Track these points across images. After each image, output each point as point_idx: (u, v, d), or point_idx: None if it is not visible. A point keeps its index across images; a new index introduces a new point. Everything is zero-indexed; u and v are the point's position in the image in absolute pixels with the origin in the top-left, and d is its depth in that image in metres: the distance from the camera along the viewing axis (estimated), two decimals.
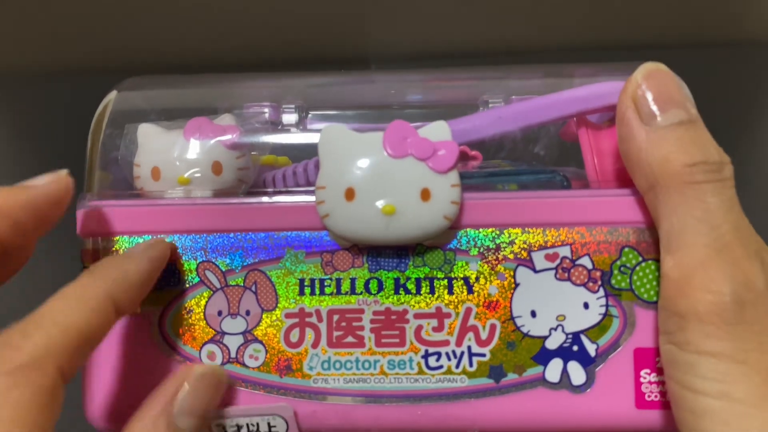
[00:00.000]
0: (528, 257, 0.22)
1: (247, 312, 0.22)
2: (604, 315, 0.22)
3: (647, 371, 0.22)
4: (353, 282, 0.22)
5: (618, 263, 0.22)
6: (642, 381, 0.22)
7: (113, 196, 0.24)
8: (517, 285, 0.22)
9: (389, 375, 0.22)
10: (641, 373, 0.22)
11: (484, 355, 0.22)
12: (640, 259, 0.22)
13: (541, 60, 0.28)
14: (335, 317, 0.22)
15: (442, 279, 0.22)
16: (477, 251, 0.22)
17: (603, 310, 0.22)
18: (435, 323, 0.22)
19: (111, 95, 0.27)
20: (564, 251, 0.22)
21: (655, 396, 0.21)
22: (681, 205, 0.20)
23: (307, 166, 0.26)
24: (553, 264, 0.22)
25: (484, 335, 0.22)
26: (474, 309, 0.22)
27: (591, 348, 0.22)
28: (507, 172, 0.24)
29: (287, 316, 0.22)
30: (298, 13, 0.40)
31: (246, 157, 0.25)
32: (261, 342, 0.22)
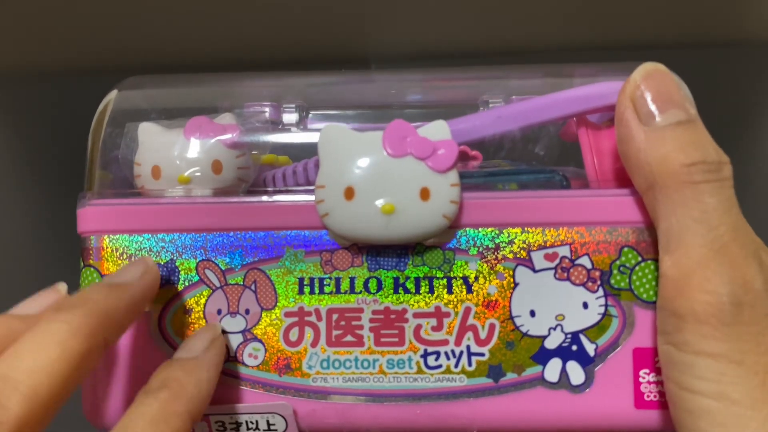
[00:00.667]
0: (527, 257, 0.22)
1: (247, 311, 0.22)
2: (603, 315, 0.22)
3: (646, 371, 0.22)
4: (352, 281, 0.22)
5: (617, 263, 0.22)
6: (641, 381, 0.22)
7: (114, 194, 0.24)
8: (517, 284, 0.22)
9: (388, 374, 0.22)
10: (640, 373, 0.22)
11: (483, 355, 0.22)
12: (639, 259, 0.22)
13: (541, 60, 0.28)
14: (334, 316, 0.22)
15: (441, 278, 0.22)
16: (476, 251, 0.22)
17: (602, 309, 0.22)
18: (434, 323, 0.22)
19: (111, 94, 0.27)
20: (563, 251, 0.22)
21: (654, 396, 0.22)
22: (679, 206, 0.20)
23: (307, 165, 0.26)
24: (553, 264, 0.22)
25: (483, 335, 0.22)
26: (473, 308, 0.22)
27: (590, 348, 0.22)
28: (506, 171, 0.24)
29: (286, 315, 0.22)
30: (298, 14, 0.40)
31: (246, 156, 0.25)
32: (260, 341, 0.22)
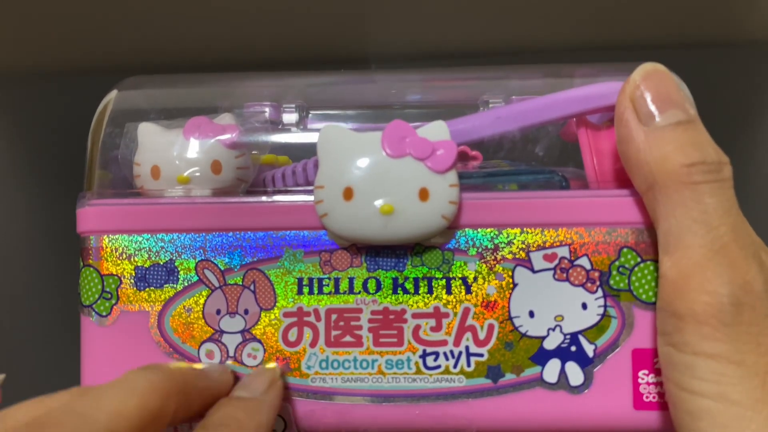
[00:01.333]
0: (526, 257, 0.22)
1: (246, 311, 0.22)
2: (602, 315, 0.22)
3: (645, 372, 0.22)
4: (351, 281, 0.22)
5: (616, 264, 0.22)
6: (640, 382, 0.22)
7: (113, 194, 0.24)
8: (516, 285, 0.22)
9: (387, 374, 0.22)
10: (639, 374, 0.22)
11: (482, 355, 0.22)
12: (638, 260, 0.22)
13: (541, 60, 0.28)
14: (333, 316, 0.22)
15: (440, 279, 0.22)
16: (475, 251, 0.22)
17: (601, 310, 0.22)
18: (433, 323, 0.22)
19: (111, 94, 0.27)
20: (562, 251, 0.22)
21: (653, 397, 0.22)
22: (679, 206, 0.20)
23: (307, 165, 0.26)
24: (552, 264, 0.22)
25: (482, 335, 0.22)
26: (472, 309, 0.22)
27: (589, 348, 0.22)
28: (506, 172, 0.24)
29: (285, 315, 0.22)
30: (298, 14, 0.40)
31: (245, 157, 0.25)
32: (259, 341, 0.22)
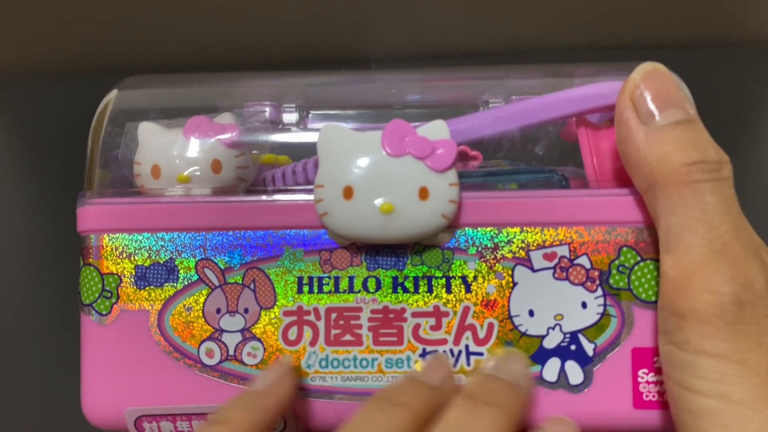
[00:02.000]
0: (526, 256, 0.22)
1: (246, 310, 0.22)
2: (602, 315, 0.22)
3: (645, 371, 0.22)
4: (351, 280, 0.22)
5: (616, 263, 0.22)
6: (640, 381, 0.22)
7: (113, 193, 0.24)
8: (515, 284, 0.22)
9: (387, 373, 0.22)
10: (639, 373, 0.22)
11: (481, 354, 0.22)
12: (638, 259, 0.22)
13: (541, 60, 0.28)
14: (333, 315, 0.22)
15: (440, 278, 0.22)
16: (475, 250, 0.22)
17: (601, 309, 0.22)
18: (433, 322, 0.22)
19: (111, 94, 0.27)
20: (562, 251, 0.22)
21: (653, 396, 0.22)
22: (679, 205, 0.20)
23: (307, 164, 0.26)
24: (552, 263, 0.22)
25: (481, 334, 0.22)
26: (472, 308, 0.22)
27: (589, 348, 0.22)
28: (505, 171, 0.24)
29: (285, 314, 0.22)
30: (298, 15, 0.40)
31: (245, 156, 0.25)
32: (259, 340, 0.22)
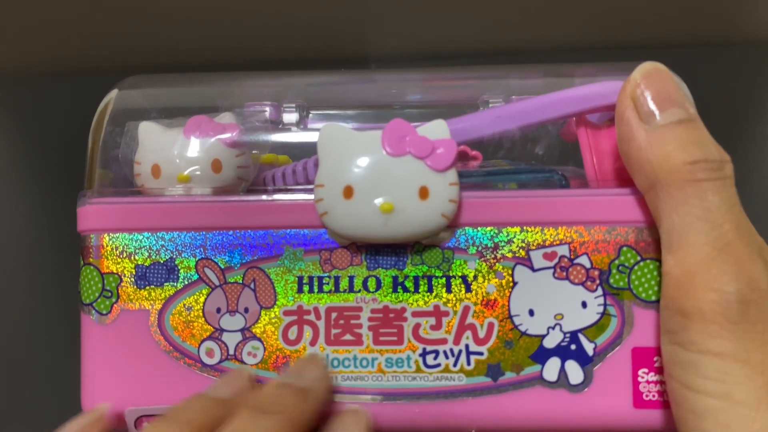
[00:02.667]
0: (526, 256, 0.22)
1: (246, 309, 0.22)
2: (602, 314, 0.22)
3: (645, 371, 0.22)
4: (352, 280, 0.22)
5: (616, 262, 0.22)
6: (640, 380, 0.22)
7: (113, 193, 0.24)
8: (516, 284, 0.22)
9: (387, 373, 0.22)
10: (639, 373, 0.22)
11: (482, 354, 0.22)
12: (638, 259, 0.22)
13: (541, 60, 0.28)
14: (333, 315, 0.22)
15: (440, 277, 0.22)
16: (475, 250, 0.22)
17: (601, 309, 0.22)
18: (433, 321, 0.22)
19: (112, 94, 0.27)
20: (562, 250, 0.22)
21: (653, 396, 0.22)
22: (682, 204, 0.20)
23: (307, 164, 0.26)
24: (552, 263, 0.22)
25: (482, 334, 0.22)
26: (472, 307, 0.22)
27: (589, 347, 0.22)
28: (505, 171, 0.24)
29: (285, 313, 0.22)
30: (298, 15, 0.40)
31: (246, 156, 0.25)
32: (259, 339, 0.22)
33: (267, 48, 0.43)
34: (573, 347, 0.22)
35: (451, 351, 0.22)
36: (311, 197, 0.22)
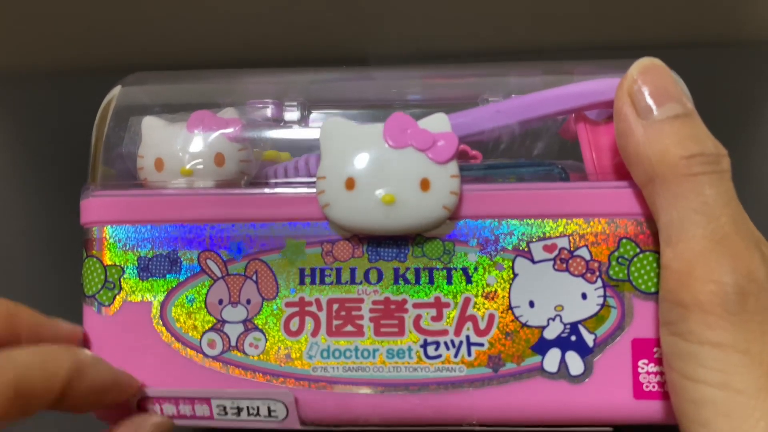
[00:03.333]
0: (526, 248, 0.22)
1: (248, 301, 0.22)
2: (601, 305, 0.22)
3: (645, 362, 0.22)
4: (353, 272, 0.22)
5: (616, 254, 0.22)
6: (640, 371, 0.22)
7: (117, 186, 0.24)
8: (516, 275, 0.22)
9: (388, 364, 0.22)
10: (639, 364, 0.22)
11: (482, 345, 0.22)
12: (637, 251, 0.22)
13: (541, 60, 0.28)
14: (335, 306, 0.22)
15: (441, 269, 0.22)
16: (476, 242, 0.22)
17: (601, 300, 0.22)
18: (434, 313, 0.22)
19: (115, 90, 0.27)
20: (562, 242, 0.22)
21: (653, 386, 0.22)
22: (680, 198, 0.20)
23: (309, 159, 0.26)
24: (552, 255, 0.22)
25: (482, 325, 0.22)
26: (473, 299, 0.22)
27: (589, 338, 0.22)
28: (505, 164, 0.24)
29: (287, 305, 0.22)
30: (297, 15, 0.41)
31: (248, 150, 0.26)
32: (261, 330, 0.22)
33: (266, 49, 0.43)
34: (573, 338, 0.22)
35: (452, 342, 0.22)
36: (313, 190, 0.23)
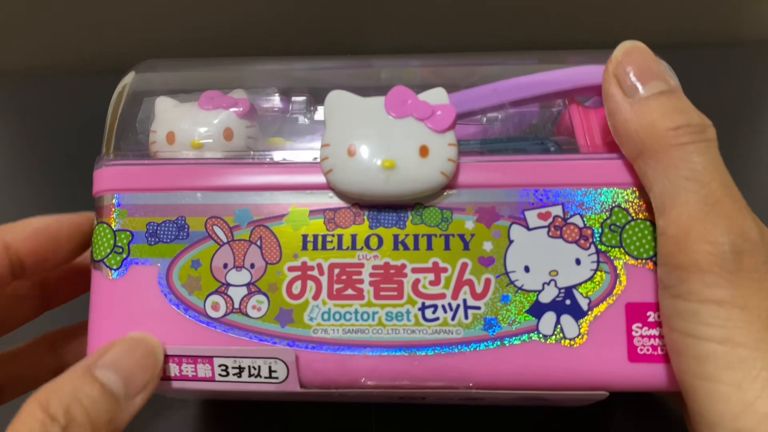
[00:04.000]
0: (522, 216, 0.23)
1: (252, 265, 0.23)
2: (595, 270, 0.22)
3: (639, 325, 0.22)
4: (354, 238, 0.23)
5: (608, 222, 0.23)
6: (634, 335, 0.22)
7: (128, 157, 0.25)
8: (511, 242, 0.23)
9: (387, 326, 0.23)
10: (633, 327, 0.22)
11: (479, 308, 0.22)
12: (629, 218, 0.23)
13: None
14: (336, 271, 0.23)
15: (439, 236, 0.23)
16: (473, 210, 0.23)
17: (594, 266, 0.22)
18: (432, 277, 0.23)
19: (129, 76, 0.29)
20: (556, 210, 0.23)
21: (648, 350, 0.22)
22: (670, 167, 0.21)
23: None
24: (546, 222, 0.23)
25: (479, 289, 0.23)
26: (470, 264, 0.23)
27: (583, 302, 0.22)
28: (501, 140, 0.25)
29: (290, 269, 0.23)
30: (298, 15, 0.42)
31: (256, 128, 0.27)
32: (264, 293, 0.23)
33: (265, 50, 0.44)
34: (568, 302, 0.22)
35: (449, 305, 0.23)
36: (317, 159, 0.23)
